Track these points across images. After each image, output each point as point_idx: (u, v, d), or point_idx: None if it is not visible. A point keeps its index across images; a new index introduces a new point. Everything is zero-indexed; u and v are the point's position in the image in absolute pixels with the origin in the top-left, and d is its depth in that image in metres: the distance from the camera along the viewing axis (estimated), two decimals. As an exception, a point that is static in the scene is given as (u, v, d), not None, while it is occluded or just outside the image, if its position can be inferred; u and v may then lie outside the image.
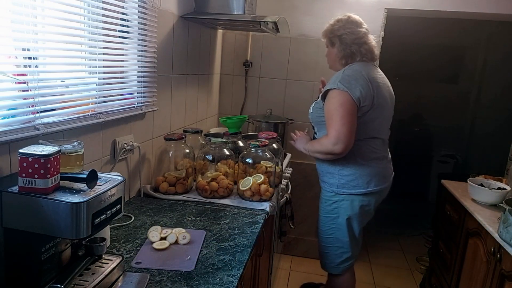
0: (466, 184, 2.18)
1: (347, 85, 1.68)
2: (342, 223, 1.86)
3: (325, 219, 1.91)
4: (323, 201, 1.92)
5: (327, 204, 1.89)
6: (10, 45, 1.04)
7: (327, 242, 1.94)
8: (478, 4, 2.54)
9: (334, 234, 1.89)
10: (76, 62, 1.32)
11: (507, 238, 1.61)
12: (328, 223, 1.89)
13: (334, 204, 1.85)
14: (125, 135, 1.61)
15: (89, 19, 1.32)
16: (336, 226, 1.87)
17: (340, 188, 1.82)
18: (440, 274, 2.43)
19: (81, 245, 1.03)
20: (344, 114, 1.67)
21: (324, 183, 1.90)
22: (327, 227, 1.91)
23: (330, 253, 1.95)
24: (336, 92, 1.69)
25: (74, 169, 1.03)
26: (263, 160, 1.84)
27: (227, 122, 2.33)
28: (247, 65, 2.91)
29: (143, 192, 1.76)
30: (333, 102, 1.71)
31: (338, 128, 1.67)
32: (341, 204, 1.84)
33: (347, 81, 1.69)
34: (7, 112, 1.03)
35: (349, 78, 1.71)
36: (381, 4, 2.65)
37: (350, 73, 1.73)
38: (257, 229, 1.47)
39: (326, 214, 1.90)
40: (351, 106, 1.68)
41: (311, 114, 1.90)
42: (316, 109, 1.86)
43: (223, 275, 1.13)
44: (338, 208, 1.85)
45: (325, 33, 1.87)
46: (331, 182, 1.85)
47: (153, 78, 1.75)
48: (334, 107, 1.69)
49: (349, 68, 1.77)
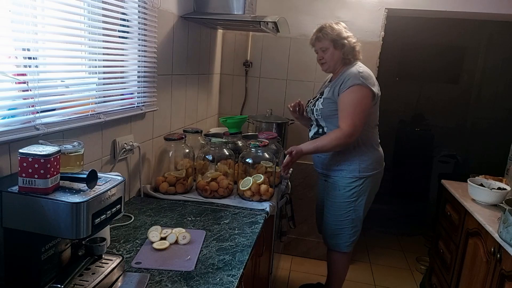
0: (466, 184, 2.18)
1: (370, 81, 1.90)
2: (360, 203, 2.06)
3: (343, 205, 2.07)
4: (340, 188, 2.06)
5: (346, 190, 2.05)
6: (10, 45, 1.04)
7: (342, 225, 2.10)
8: (479, 4, 2.54)
9: (351, 215, 2.07)
10: (76, 62, 1.32)
11: (507, 238, 1.61)
12: (346, 207, 2.06)
13: (355, 188, 2.04)
14: (125, 135, 1.61)
15: (89, 19, 1.32)
16: (354, 207, 2.06)
17: (362, 172, 2.02)
18: (440, 274, 2.43)
19: (81, 245, 1.03)
20: (363, 108, 1.88)
21: (342, 171, 2.04)
22: (343, 211, 2.07)
23: (344, 234, 2.12)
24: (359, 88, 1.87)
25: (74, 169, 1.03)
26: (263, 160, 1.84)
27: (227, 122, 2.33)
28: (247, 65, 2.91)
29: (143, 192, 1.76)
30: (355, 97, 1.88)
31: (356, 122, 1.86)
32: (361, 187, 2.04)
33: (366, 78, 1.90)
34: (7, 112, 1.03)
35: (368, 76, 1.92)
36: (381, 4, 2.65)
37: (365, 70, 1.95)
38: (257, 229, 1.47)
39: (344, 200, 2.06)
40: (369, 101, 1.91)
41: (322, 110, 2.00)
42: (328, 104, 1.97)
43: (223, 275, 1.13)
44: (359, 191, 2.04)
45: (331, 36, 1.97)
46: (352, 168, 2.02)
47: (153, 78, 1.75)
48: (356, 101, 1.87)
49: (359, 66, 1.97)
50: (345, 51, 1.98)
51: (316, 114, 2.05)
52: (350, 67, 1.97)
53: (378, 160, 2.10)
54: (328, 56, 2.00)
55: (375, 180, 2.12)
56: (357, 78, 1.88)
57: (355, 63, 2.00)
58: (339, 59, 2.00)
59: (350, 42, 1.98)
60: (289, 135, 2.72)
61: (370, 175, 2.06)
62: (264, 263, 1.88)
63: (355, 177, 2.03)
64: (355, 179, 2.04)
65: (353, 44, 1.99)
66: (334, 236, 2.16)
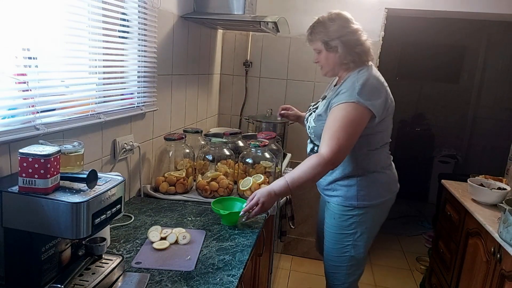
0: (466, 184, 2.18)
1: (371, 97, 1.49)
2: (360, 238, 1.65)
3: (339, 237, 1.67)
4: (336, 216, 1.66)
5: (342, 220, 1.65)
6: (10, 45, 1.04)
7: (339, 262, 1.70)
8: (479, 4, 2.54)
9: (350, 251, 1.67)
10: (76, 62, 1.32)
11: (507, 238, 1.61)
12: (343, 240, 1.67)
13: (352, 218, 1.63)
14: (125, 135, 1.61)
15: (89, 19, 1.32)
16: (353, 242, 1.65)
17: (361, 201, 1.62)
18: (440, 274, 2.43)
19: (81, 245, 1.03)
20: (354, 131, 1.48)
21: (337, 198, 1.65)
22: (341, 245, 1.67)
23: (341, 273, 1.72)
24: (353, 106, 1.46)
25: (74, 169, 1.03)
26: (263, 160, 1.84)
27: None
28: (247, 65, 2.91)
29: (143, 192, 1.76)
30: (346, 116, 1.47)
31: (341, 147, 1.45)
32: (361, 217, 1.63)
33: (367, 93, 1.48)
34: (7, 112, 1.03)
35: (370, 90, 1.50)
36: (381, 4, 2.65)
37: (369, 83, 1.51)
38: (257, 229, 1.47)
39: (341, 231, 1.66)
40: (364, 122, 1.49)
41: (314, 128, 1.63)
42: (320, 121, 1.59)
43: (223, 275, 1.13)
44: (358, 222, 1.63)
45: (321, 37, 1.57)
46: (349, 195, 1.63)
47: (153, 78, 1.75)
48: (346, 121, 1.46)
49: (363, 75, 1.53)
50: (341, 55, 1.55)
51: (309, 131, 1.69)
52: (353, 74, 1.55)
53: (386, 186, 1.68)
54: (322, 59, 1.62)
55: (382, 209, 1.70)
56: (352, 94, 1.47)
57: (361, 69, 1.56)
58: (336, 64, 1.59)
59: (349, 42, 1.54)
60: (289, 135, 2.72)
61: (373, 205, 1.64)
62: (264, 263, 1.88)
63: (352, 206, 1.63)
64: (351, 208, 1.63)
65: (356, 44, 1.55)
66: (329, 275, 1.76)
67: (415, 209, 4.38)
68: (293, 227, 2.34)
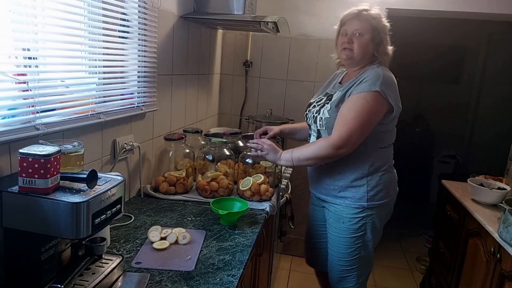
0: (466, 184, 2.18)
1: (390, 92, 1.53)
2: (369, 238, 1.66)
3: (350, 240, 1.65)
4: (345, 220, 1.64)
5: (352, 223, 1.63)
6: (10, 45, 1.04)
7: (350, 265, 1.69)
8: (479, 4, 2.54)
9: (360, 253, 1.67)
10: (76, 62, 1.32)
11: (507, 238, 1.61)
12: (354, 243, 1.65)
13: (363, 220, 1.63)
14: (125, 135, 1.61)
15: (89, 19, 1.32)
16: (363, 243, 1.66)
17: (371, 202, 1.61)
18: (440, 274, 2.43)
19: (81, 245, 1.03)
20: (369, 121, 1.51)
21: (345, 199, 1.63)
22: (352, 248, 1.66)
23: (353, 275, 1.71)
24: (374, 95, 1.49)
25: (74, 169, 1.03)
26: (263, 160, 1.84)
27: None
28: (247, 65, 2.91)
29: (143, 192, 1.76)
30: (365, 104, 1.49)
31: (353, 135, 1.49)
32: (370, 219, 1.63)
33: (389, 87, 1.53)
34: (7, 112, 1.03)
35: (391, 84, 1.55)
36: (382, 4, 2.64)
37: (391, 77, 1.57)
38: (257, 229, 1.47)
39: (351, 235, 1.64)
40: (380, 115, 1.54)
41: (328, 120, 1.59)
42: (334, 113, 1.58)
43: (223, 275, 1.13)
44: (367, 223, 1.63)
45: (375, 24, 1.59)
46: (358, 197, 1.61)
47: (153, 78, 1.75)
48: (363, 110, 1.48)
49: (385, 69, 1.60)
50: (380, 50, 1.60)
51: (319, 123, 1.63)
52: (373, 67, 1.59)
53: (391, 185, 1.70)
54: (360, 43, 1.57)
55: (388, 208, 1.72)
56: (375, 83, 1.49)
57: (380, 65, 1.61)
58: (369, 55, 1.60)
59: (388, 43, 1.63)
60: (289, 135, 2.72)
61: (382, 204, 1.65)
62: (264, 263, 1.89)
63: (362, 207, 1.62)
64: (361, 209, 1.62)
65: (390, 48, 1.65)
66: (341, 279, 1.73)
67: (415, 209, 4.38)
68: (293, 227, 2.34)
